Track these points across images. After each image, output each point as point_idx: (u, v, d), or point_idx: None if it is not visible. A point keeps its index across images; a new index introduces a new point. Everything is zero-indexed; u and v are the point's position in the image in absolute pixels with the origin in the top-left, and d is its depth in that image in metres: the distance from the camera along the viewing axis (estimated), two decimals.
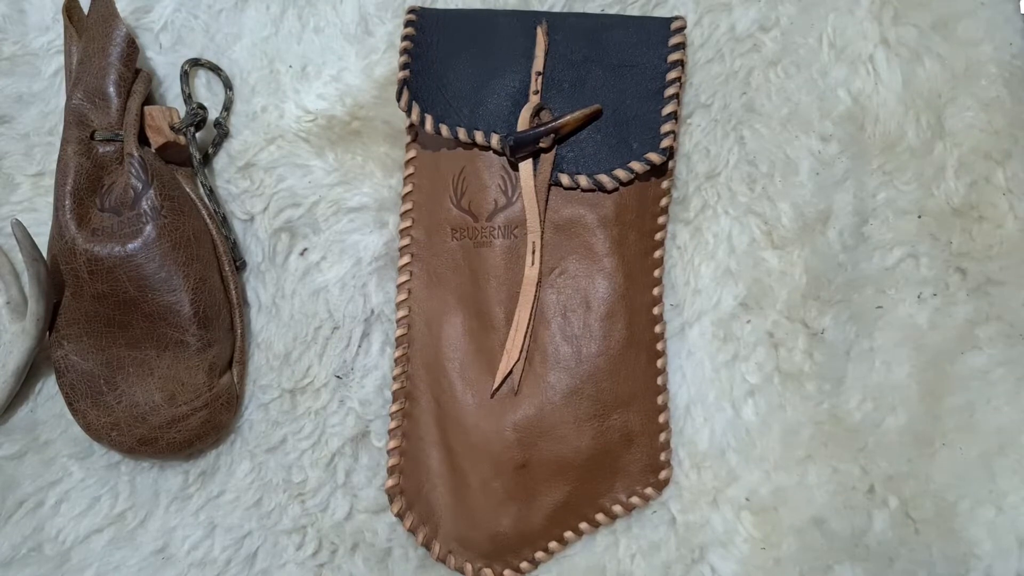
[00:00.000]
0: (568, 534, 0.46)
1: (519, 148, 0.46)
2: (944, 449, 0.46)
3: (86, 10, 0.49)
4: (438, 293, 0.47)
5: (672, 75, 0.47)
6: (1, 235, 0.50)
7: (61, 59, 0.51)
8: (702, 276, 0.48)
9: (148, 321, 0.45)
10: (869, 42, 0.50)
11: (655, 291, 0.47)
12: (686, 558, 0.46)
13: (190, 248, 0.46)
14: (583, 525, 0.46)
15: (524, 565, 0.46)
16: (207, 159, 0.50)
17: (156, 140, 0.48)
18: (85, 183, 0.46)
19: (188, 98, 0.50)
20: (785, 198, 0.49)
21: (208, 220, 0.49)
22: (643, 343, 0.46)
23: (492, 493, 0.45)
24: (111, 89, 0.47)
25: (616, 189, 0.47)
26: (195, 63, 0.51)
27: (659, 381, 0.47)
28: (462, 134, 0.47)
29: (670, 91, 0.47)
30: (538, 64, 0.47)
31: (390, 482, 0.46)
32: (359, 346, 0.49)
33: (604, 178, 0.46)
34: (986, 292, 0.47)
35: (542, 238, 0.46)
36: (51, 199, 0.48)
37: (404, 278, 0.48)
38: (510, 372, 0.46)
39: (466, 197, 0.47)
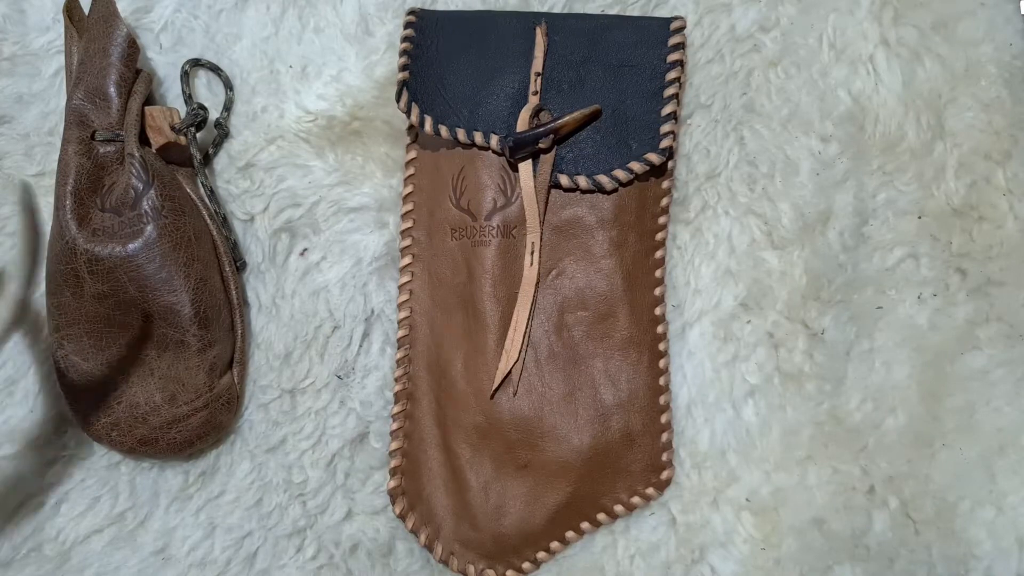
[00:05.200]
0: (570, 534, 0.46)
1: (518, 149, 0.46)
2: (944, 449, 0.46)
3: (86, 10, 0.49)
4: (439, 293, 0.47)
5: (672, 75, 0.47)
6: (1, 234, 0.50)
7: (61, 59, 0.51)
8: (702, 276, 0.48)
9: (148, 321, 0.45)
10: (869, 42, 0.50)
11: (657, 291, 0.47)
12: (686, 558, 0.46)
13: (191, 248, 0.46)
14: (584, 525, 0.46)
15: (526, 565, 0.46)
16: (207, 159, 0.50)
17: (157, 140, 0.48)
18: (86, 183, 0.46)
19: (188, 98, 0.50)
20: (785, 199, 0.49)
21: (208, 220, 0.49)
22: (644, 343, 0.46)
23: (494, 494, 0.45)
24: (112, 89, 0.47)
25: (615, 190, 0.47)
26: (195, 63, 0.51)
27: (661, 381, 0.47)
28: (461, 135, 0.47)
29: (669, 91, 0.47)
30: (537, 65, 0.47)
31: (392, 483, 0.46)
32: (360, 346, 0.49)
33: (603, 179, 0.46)
34: (986, 293, 0.48)
35: (541, 239, 0.46)
36: (52, 199, 0.48)
37: (406, 279, 0.48)
38: (508, 372, 0.46)
39: (465, 197, 0.47)
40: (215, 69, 0.51)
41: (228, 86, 0.51)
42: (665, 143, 0.46)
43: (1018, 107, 0.49)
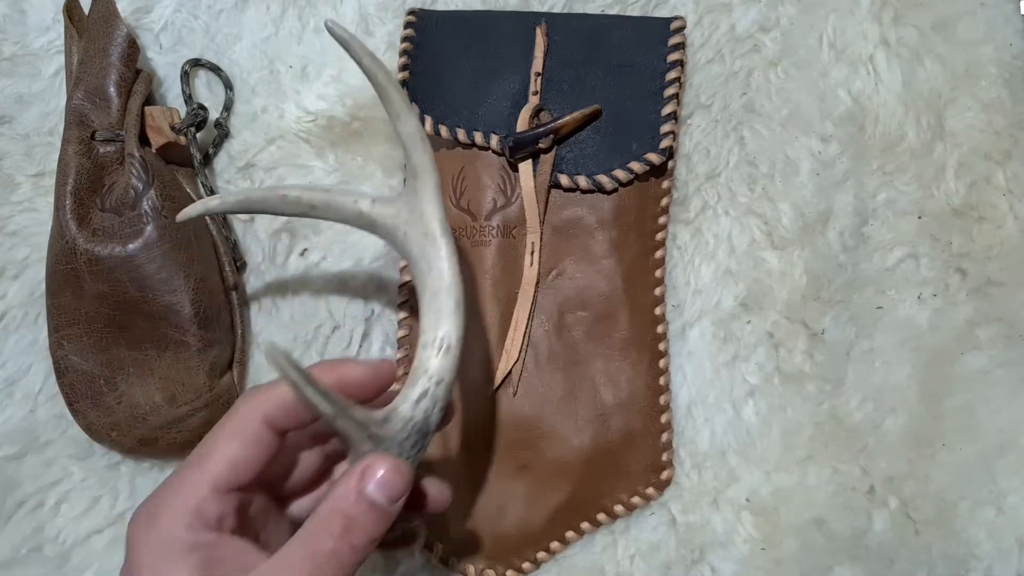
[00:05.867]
0: (570, 534, 0.46)
1: (518, 149, 0.46)
2: (944, 450, 0.46)
3: (86, 10, 0.49)
4: None
5: (672, 75, 0.47)
6: (1, 234, 0.50)
7: (61, 59, 0.51)
8: (702, 276, 0.48)
9: (149, 321, 0.45)
10: (869, 43, 0.50)
11: (657, 291, 0.47)
12: (686, 559, 0.46)
13: (191, 248, 0.46)
14: (584, 525, 0.46)
15: (526, 565, 0.46)
16: (207, 159, 0.50)
17: (157, 140, 0.48)
18: (86, 183, 0.46)
19: (188, 98, 0.50)
20: (785, 199, 0.49)
21: (208, 220, 0.49)
22: (645, 343, 0.46)
23: (494, 494, 0.45)
24: (112, 89, 0.47)
25: (615, 190, 0.47)
26: (195, 63, 0.51)
27: (661, 381, 0.47)
28: (461, 135, 0.47)
29: (669, 91, 0.47)
30: (537, 65, 0.47)
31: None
32: (360, 346, 0.49)
33: (603, 179, 0.46)
34: (986, 293, 0.47)
35: (541, 239, 0.46)
36: (51, 199, 0.48)
37: (405, 278, 0.48)
38: (508, 373, 0.46)
39: (465, 196, 0.47)
40: (215, 69, 0.51)
41: (228, 86, 0.51)
42: (665, 143, 0.46)
43: (1018, 107, 0.49)
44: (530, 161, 0.46)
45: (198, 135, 0.49)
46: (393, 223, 0.35)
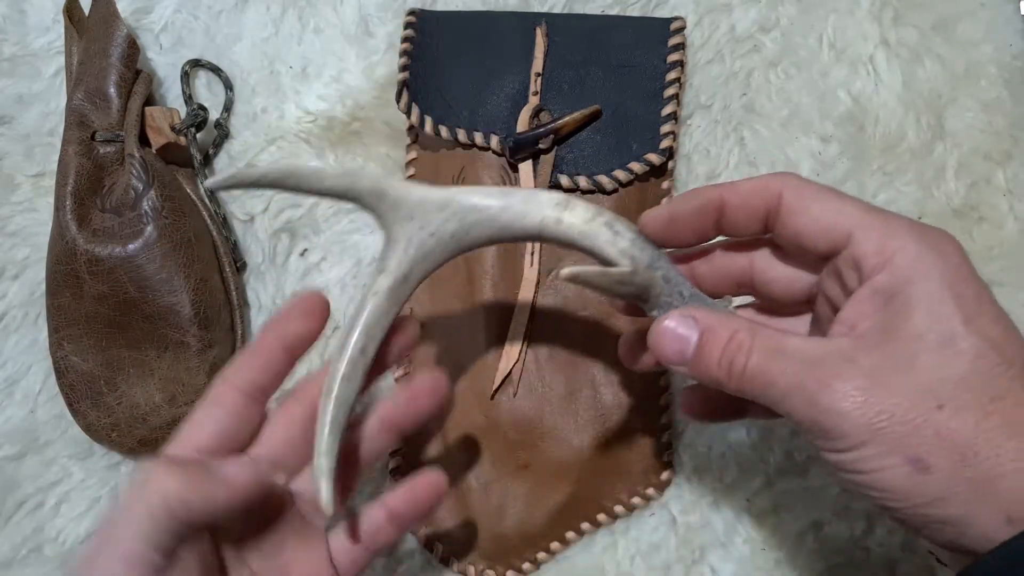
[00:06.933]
0: (570, 534, 0.46)
1: (518, 149, 0.46)
2: None
3: (86, 10, 0.49)
4: (439, 294, 0.47)
5: (671, 75, 0.47)
6: (1, 234, 0.50)
7: (61, 60, 0.51)
8: None
9: (149, 322, 0.45)
10: (869, 43, 0.50)
11: None
12: (686, 559, 0.46)
13: (191, 249, 0.46)
14: (585, 525, 0.46)
15: (526, 566, 0.46)
16: (208, 160, 0.50)
17: (157, 141, 0.48)
18: (86, 184, 0.46)
19: (189, 99, 0.50)
20: None
21: (208, 221, 0.49)
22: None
23: (494, 495, 0.45)
24: (112, 90, 0.47)
25: (616, 190, 0.47)
26: (195, 64, 0.51)
27: (661, 382, 0.47)
28: (462, 135, 0.47)
29: (669, 91, 0.47)
30: (537, 65, 0.47)
31: (392, 485, 0.46)
32: None
33: (604, 179, 0.46)
34: None
35: None
36: (51, 199, 0.48)
37: None
38: (508, 373, 0.46)
39: None
40: (215, 70, 0.51)
41: (228, 86, 0.51)
42: (665, 143, 0.46)
43: (1018, 107, 0.49)
44: (530, 161, 0.46)
45: (198, 135, 0.49)
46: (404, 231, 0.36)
